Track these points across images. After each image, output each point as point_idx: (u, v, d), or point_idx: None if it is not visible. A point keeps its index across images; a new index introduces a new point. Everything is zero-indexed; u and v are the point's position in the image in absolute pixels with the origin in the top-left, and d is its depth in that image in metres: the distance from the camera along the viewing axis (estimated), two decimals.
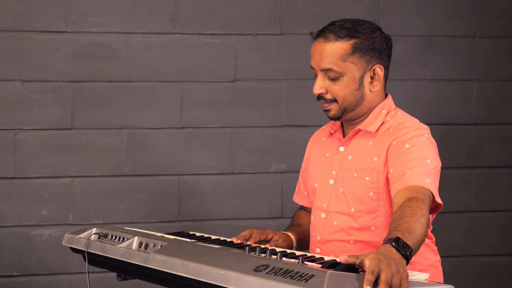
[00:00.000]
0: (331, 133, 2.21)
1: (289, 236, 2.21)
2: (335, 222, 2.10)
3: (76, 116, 3.23)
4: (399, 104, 2.22)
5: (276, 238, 2.15)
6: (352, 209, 2.07)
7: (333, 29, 2.06)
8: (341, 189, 2.10)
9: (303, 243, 2.26)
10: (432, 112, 3.50)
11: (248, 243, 2.06)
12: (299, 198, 2.40)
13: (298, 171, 2.38)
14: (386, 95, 2.15)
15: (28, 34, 3.19)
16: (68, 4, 3.22)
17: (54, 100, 3.21)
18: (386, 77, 2.12)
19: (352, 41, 2.04)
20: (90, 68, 3.24)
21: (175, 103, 3.30)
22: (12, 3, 3.18)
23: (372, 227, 2.05)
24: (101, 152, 3.25)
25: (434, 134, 2.09)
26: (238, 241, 2.05)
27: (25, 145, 3.19)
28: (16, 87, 3.18)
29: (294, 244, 2.21)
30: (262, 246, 2.01)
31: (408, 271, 1.56)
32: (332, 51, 2.04)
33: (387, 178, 2.02)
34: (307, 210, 2.38)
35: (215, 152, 3.33)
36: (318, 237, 2.15)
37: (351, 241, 2.07)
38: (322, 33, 2.08)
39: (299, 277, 1.44)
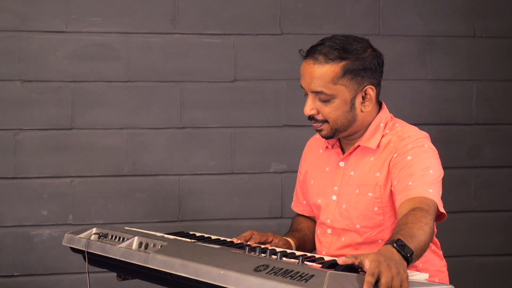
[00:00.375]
0: (327, 146, 2.20)
1: (288, 242, 2.21)
2: (343, 239, 2.10)
3: (76, 116, 3.23)
4: (399, 104, 2.23)
5: (276, 241, 2.15)
6: (358, 225, 2.07)
7: (322, 50, 2.00)
8: (344, 206, 2.09)
9: (303, 248, 2.26)
10: (432, 112, 3.50)
11: (248, 243, 2.06)
12: (298, 208, 2.39)
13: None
14: (380, 104, 2.12)
15: (28, 34, 3.19)
16: (68, 4, 3.22)
17: (54, 100, 3.21)
18: (378, 94, 2.09)
19: (343, 63, 1.99)
20: (90, 68, 3.23)
21: (175, 103, 3.30)
22: (12, 3, 3.18)
23: (379, 240, 2.05)
24: (101, 152, 3.25)
25: (434, 134, 2.09)
26: (239, 241, 2.05)
27: (25, 145, 3.18)
28: (16, 87, 3.18)
29: (294, 250, 2.21)
30: (262, 246, 2.00)
31: (408, 271, 1.55)
32: (322, 74, 1.99)
33: (391, 191, 2.01)
34: (306, 216, 2.38)
35: (215, 152, 3.33)
36: (324, 252, 2.15)
37: None
38: (312, 54, 2.02)
39: (299, 277, 1.44)
